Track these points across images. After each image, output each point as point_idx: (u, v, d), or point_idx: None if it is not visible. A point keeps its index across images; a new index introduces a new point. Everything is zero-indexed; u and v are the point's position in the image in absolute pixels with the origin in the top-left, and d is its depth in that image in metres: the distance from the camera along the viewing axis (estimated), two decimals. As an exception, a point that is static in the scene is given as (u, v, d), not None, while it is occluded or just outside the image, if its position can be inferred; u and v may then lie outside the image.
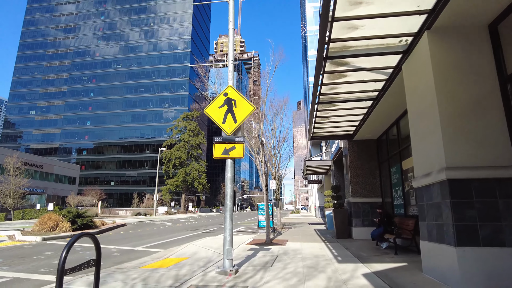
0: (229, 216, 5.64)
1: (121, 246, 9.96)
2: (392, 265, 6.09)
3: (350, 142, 11.99)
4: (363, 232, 11.08)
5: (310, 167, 19.01)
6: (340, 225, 11.51)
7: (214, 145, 5.92)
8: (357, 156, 11.85)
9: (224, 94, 6.11)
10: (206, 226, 20.05)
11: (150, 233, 15.05)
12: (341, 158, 15.06)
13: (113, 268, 6.37)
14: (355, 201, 11.40)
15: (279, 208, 18.05)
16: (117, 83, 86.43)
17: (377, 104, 8.34)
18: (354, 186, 11.57)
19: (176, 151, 61.61)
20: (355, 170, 11.71)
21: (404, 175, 9.10)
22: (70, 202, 46.03)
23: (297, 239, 11.13)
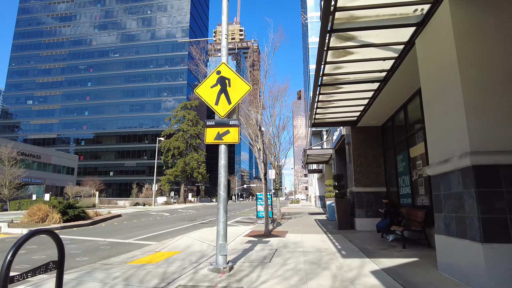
0: (222, 207, 5.08)
1: (111, 239, 9.45)
2: (402, 261, 5.55)
3: (354, 129, 11.38)
4: (367, 223, 10.57)
5: (311, 156, 18.45)
6: (342, 216, 11.00)
7: (205, 129, 5.32)
8: (360, 143, 11.26)
9: (216, 72, 5.47)
10: (204, 217, 19.60)
11: (146, 224, 14.57)
12: (343, 146, 14.47)
13: (97, 264, 5.84)
14: (358, 190, 10.86)
15: (279, 198, 17.55)
16: (114, 72, 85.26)
17: (384, 86, 7.70)
18: (358, 175, 11.01)
19: (175, 141, 61.00)
20: (358, 158, 11.13)
21: (412, 163, 8.52)
22: (68, 192, 45.65)
23: (297, 231, 10.63)
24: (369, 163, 11.08)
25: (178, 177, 60.73)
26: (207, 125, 5.30)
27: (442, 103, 4.65)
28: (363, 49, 6.12)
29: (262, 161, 9.96)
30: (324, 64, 6.58)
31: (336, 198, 11.19)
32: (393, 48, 6.19)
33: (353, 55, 6.35)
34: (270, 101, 13.35)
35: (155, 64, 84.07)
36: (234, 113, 5.44)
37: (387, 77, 7.32)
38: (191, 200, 63.36)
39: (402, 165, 9.35)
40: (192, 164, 61.50)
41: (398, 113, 9.56)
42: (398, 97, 8.51)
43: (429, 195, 7.33)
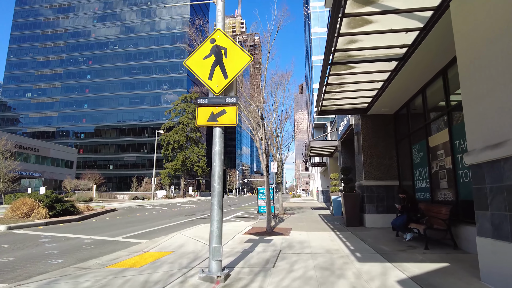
0: (217, 202, 4.20)
1: (98, 236, 8.62)
2: (431, 266, 4.68)
3: (364, 118, 10.46)
4: (377, 220, 9.71)
5: (315, 149, 17.55)
6: (350, 212, 10.13)
7: (197, 109, 4.42)
8: (371, 133, 10.34)
9: (210, 40, 4.55)
10: (203, 211, 18.79)
11: (140, 219, 13.76)
12: (350, 137, 13.56)
13: (71, 268, 4.99)
14: (368, 184, 9.98)
15: (281, 192, 16.71)
16: (114, 65, 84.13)
17: (403, 66, 6.77)
18: (368, 168, 10.12)
19: (175, 134, 60.10)
20: (368, 150, 10.23)
21: (431, 153, 7.61)
22: (66, 186, 44.98)
23: (302, 227, 9.78)
24: (380, 154, 10.18)
25: (178, 171, 59.94)
26: (199, 103, 4.40)
27: (491, 77, 3.73)
28: (383, 17, 5.19)
29: (264, 151, 9.07)
30: (337, 36, 5.65)
31: (344, 193, 10.32)
32: (419, 16, 5.26)
33: (371, 25, 5.42)
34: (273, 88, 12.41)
35: (155, 56, 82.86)
36: (232, 90, 4.54)
37: (407, 55, 6.39)
38: (191, 194, 62.69)
39: (418, 156, 8.45)
40: (192, 158, 60.67)
41: (415, 99, 8.63)
42: (417, 80, 7.58)
43: (453, 189, 6.44)
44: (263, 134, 9.10)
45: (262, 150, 9.10)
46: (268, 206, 8.92)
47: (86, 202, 31.25)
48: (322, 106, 9.67)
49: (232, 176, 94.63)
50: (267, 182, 9.01)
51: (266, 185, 8.99)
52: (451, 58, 6.33)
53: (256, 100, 9.64)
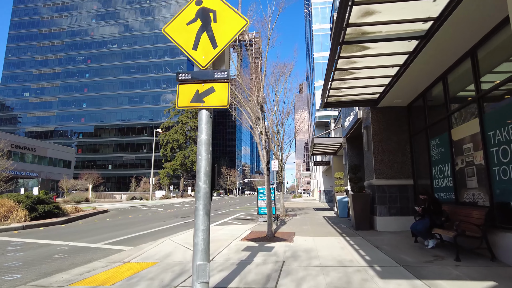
0: (202, 206, 3.24)
1: (77, 242, 7.68)
2: (473, 286, 3.73)
3: (374, 111, 9.50)
4: (390, 223, 8.76)
5: (318, 146, 16.59)
6: (360, 214, 9.18)
7: (178, 86, 3.47)
8: (382, 127, 9.39)
9: (196, 2, 3.60)
10: (200, 213, 17.83)
11: (131, 222, 12.82)
12: (357, 133, 12.61)
13: (28, 286, 4.04)
14: (379, 183, 9.02)
15: (282, 192, 15.78)
16: (113, 64, 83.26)
17: (424, 45, 5.84)
18: (379, 165, 9.17)
19: (174, 133, 59.16)
20: (379, 145, 9.28)
21: (455, 147, 6.66)
22: (63, 186, 44.05)
23: (307, 231, 8.83)
24: (392, 150, 9.22)
25: (178, 171, 59.01)
26: (180, 79, 3.45)
27: None
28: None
29: (264, 147, 8.13)
30: (351, 5, 4.70)
31: (353, 193, 9.36)
32: (453, -21, 4.32)
33: (393, -12, 4.49)
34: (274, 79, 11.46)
35: (154, 55, 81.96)
36: (222, 63, 3.59)
37: (431, 31, 5.44)
38: (190, 194, 61.71)
39: (438, 152, 7.49)
40: (191, 157, 59.68)
41: (433, 87, 7.67)
42: (439, 63, 6.63)
43: (486, 189, 5.49)
44: (263, 128, 8.16)
45: (262, 146, 8.15)
46: (269, 208, 7.97)
47: (82, 202, 30.39)
48: (329, 97, 8.72)
49: (232, 176, 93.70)
50: (268, 182, 8.06)
51: (267, 185, 8.04)
52: (484, 34, 5.38)
53: (256, 90, 8.69)
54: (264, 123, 8.21)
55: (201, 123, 3.35)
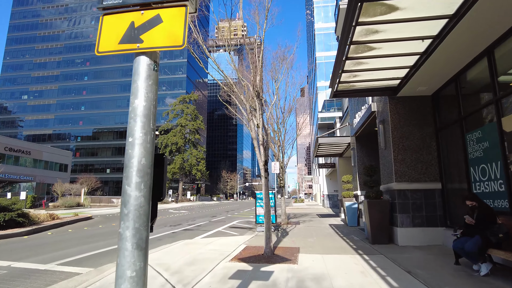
0: (132, 234, 1.71)
1: (24, 262, 6.15)
2: None
3: (393, 101, 8.00)
4: (414, 235, 7.22)
5: (323, 147, 15.07)
6: (377, 224, 7.64)
7: (102, 18, 1.97)
8: (403, 121, 7.88)
9: None
10: (193, 220, 16.32)
11: (111, 231, 11.31)
12: (370, 130, 11.10)
13: None
14: (401, 188, 7.49)
15: (284, 197, 14.23)
16: (112, 66, 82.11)
17: (469, 9, 4.35)
18: (399, 166, 7.64)
19: (173, 136, 57.78)
20: (400, 142, 7.76)
21: (508, 141, 5.14)
22: (57, 190, 42.52)
23: (313, 246, 7.29)
24: (415, 148, 7.70)
25: (176, 175, 57.50)
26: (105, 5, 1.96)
27: None
28: None
29: (262, 143, 6.62)
30: None
31: (369, 200, 7.82)
32: None
33: None
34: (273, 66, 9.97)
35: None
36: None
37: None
38: (190, 198, 60.15)
39: (479, 148, 5.96)
40: (190, 161, 58.28)
41: (472, 67, 6.16)
42: (487, 33, 5.13)
43: None
44: (260, 120, 6.65)
45: (259, 142, 6.64)
46: (267, 218, 6.44)
47: (73, 207, 28.90)
48: (340, 84, 7.22)
49: (233, 180, 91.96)
50: (266, 185, 6.54)
51: (265, 189, 6.52)
52: None
53: (252, 75, 7.21)
54: (262, 115, 6.70)
55: (136, 79, 1.83)
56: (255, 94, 6.80)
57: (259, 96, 6.84)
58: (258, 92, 6.83)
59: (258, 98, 6.84)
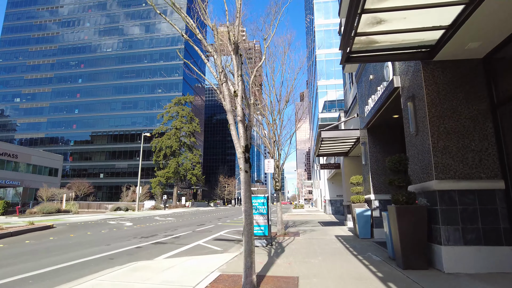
0: None
1: None
2: None
3: (428, 68, 5.75)
4: (467, 258, 4.92)
5: (327, 142, 12.77)
6: (409, 241, 5.31)
7: None
8: (443, 94, 5.62)
9: None
10: (175, 229, 13.95)
11: (62, 245, 8.97)
12: (387, 118, 8.83)
13: None
14: (444, 187, 5.21)
15: (280, 203, 11.90)
16: (107, 68, 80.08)
17: None
18: (441, 157, 5.37)
19: (167, 139, 55.36)
20: (440, 123, 5.50)
21: None
22: (42, 195, 40.09)
23: (319, 274, 4.97)
24: (462, 131, 5.43)
25: (171, 179, 54.93)
26: None
27: None
28: None
29: (240, 119, 4.35)
30: None
31: (398, 206, 5.48)
32: None
33: None
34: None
35: (149, 59, 78.77)
36: None
37: None
38: (184, 204, 57.60)
39: None
40: (186, 165, 55.80)
41: None
42: None
43: None
44: (239, 85, 4.40)
45: (238, 117, 4.37)
46: (247, 234, 4.13)
47: (51, 214, 26.52)
48: (356, 37, 4.97)
49: (231, 185, 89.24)
50: (247, 182, 4.25)
51: (244, 189, 4.24)
52: None
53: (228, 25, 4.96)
54: (241, 76, 4.44)
55: None
56: (232, 47, 4.55)
57: (238, 51, 4.58)
58: (237, 44, 4.57)
59: (236, 53, 4.58)
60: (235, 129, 4.34)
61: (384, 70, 7.78)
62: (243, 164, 4.26)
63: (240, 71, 4.52)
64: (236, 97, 4.41)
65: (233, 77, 4.80)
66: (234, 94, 4.46)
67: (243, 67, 6.05)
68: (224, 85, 4.35)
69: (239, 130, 4.37)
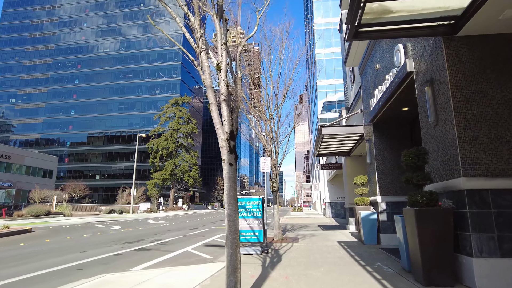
0: None
1: None
2: None
3: (451, 45, 4.84)
4: (504, 274, 3.99)
5: (328, 140, 11.85)
6: (431, 250, 4.38)
7: None
8: (470, 75, 4.71)
9: None
10: (165, 234, 12.98)
11: (28, 253, 8.01)
12: (396, 111, 7.91)
13: None
14: (474, 186, 4.29)
15: (278, 206, 10.95)
16: (104, 69, 79.14)
17: None
18: (469, 149, 4.46)
19: (164, 140, 54.35)
20: (467, 109, 4.59)
21: None
22: (34, 197, 39.01)
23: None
24: (495, 119, 4.52)
25: (167, 181, 53.84)
26: None
27: None
28: None
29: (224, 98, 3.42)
30: None
31: (417, 209, 4.54)
32: None
33: None
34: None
35: (147, 59, 77.88)
36: None
37: None
38: (181, 207, 56.49)
39: None
40: (183, 167, 54.77)
41: None
42: None
43: None
44: (223, 56, 3.47)
45: (222, 96, 3.44)
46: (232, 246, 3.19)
47: (41, 216, 25.50)
48: (368, 2, 4.06)
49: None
50: (232, 178, 3.32)
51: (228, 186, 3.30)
52: None
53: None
54: (226, 44, 3.52)
55: None
56: (215, 10, 3.63)
57: (222, 15, 3.67)
58: (221, 7, 3.66)
59: (220, 17, 3.67)
60: (217, 111, 3.41)
61: (394, 55, 6.88)
62: (226, 154, 3.33)
63: (225, 39, 3.59)
64: (219, 70, 3.49)
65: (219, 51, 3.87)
66: (217, 67, 3.53)
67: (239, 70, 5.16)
68: (203, 53, 3.43)
69: (222, 112, 3.44)
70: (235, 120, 3.49)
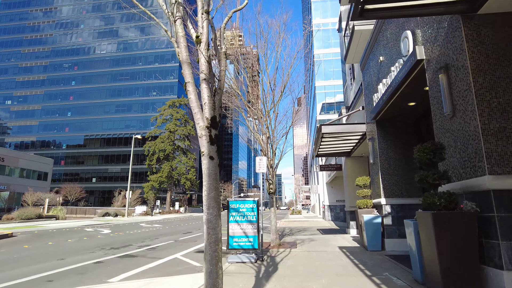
0: None
1: None
2: None
3: (470, 24, 4.23)
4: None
5: (328, 139, 11.21)
6: (452, 261, 3.73)
7: None
8: (494, 58, 4.11)
9: None
10: (156, 238, 12.28)
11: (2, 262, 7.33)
12: (401, 107, 7.28)
13: None
14: (502, 187, 3.64)
15: (275, 208, 10.29)
16: (101, 70, 78.38)
17: None
18: (494, 143, 3.83)
19: (161, 142, 53.62)
20: (490, 97, 3.98)
21: None
22: (27, 200, 38.17)
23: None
24: (523, 108, 3.90)
25: (164, 184, 53.07)
26: None
27: None
28: None
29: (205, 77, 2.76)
30: None
31: (435, 213, 3.89)
32: None
33: None
34: None
35: (144, 61, 77.23)
36: None
37: None
38: (178, 210, 55.66)
39: None
40: (179, 169, 54.01)
41: None
42: None
43: None
44: (204, 25, 2.82)
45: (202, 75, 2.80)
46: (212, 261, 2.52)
47: (31, 220, 24.73)
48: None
49: (227, 190, 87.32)
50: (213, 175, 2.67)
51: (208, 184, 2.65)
52: None
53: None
54: (208, 13, 2.88)
55: None
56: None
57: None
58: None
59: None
60: (195, 91, 2.76)
61: (401, 43, 6.26)
62: (206, 146, 2.68)
63: (206, 6, 2.95)
64: (199, 44, 2.84)
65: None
66: (197, 40, 2.88)
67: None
68: (178, 22, 2.79)
69: (202, 94, 2.79)
70: (218, 104, 2.85)
